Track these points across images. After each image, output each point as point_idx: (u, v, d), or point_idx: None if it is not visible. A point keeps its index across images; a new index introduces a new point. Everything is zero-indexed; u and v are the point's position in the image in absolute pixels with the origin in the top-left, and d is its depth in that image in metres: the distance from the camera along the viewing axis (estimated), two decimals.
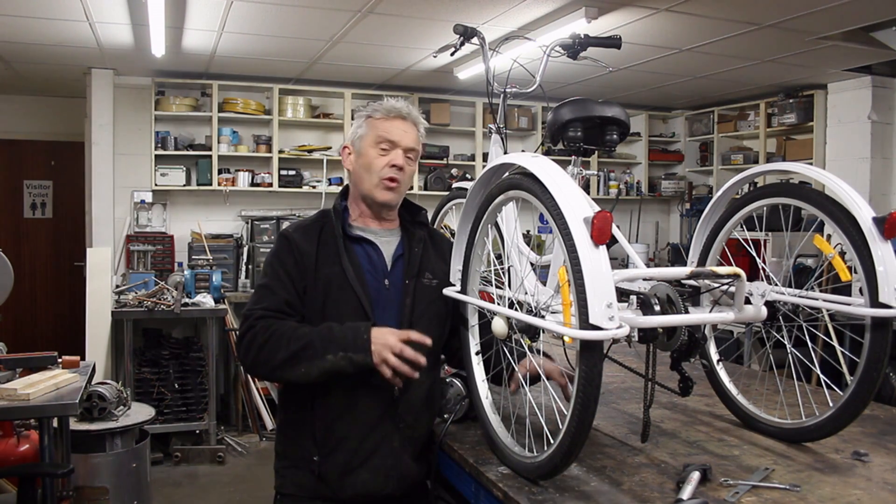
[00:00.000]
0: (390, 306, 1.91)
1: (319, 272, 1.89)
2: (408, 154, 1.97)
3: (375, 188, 1.94)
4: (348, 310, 1.86)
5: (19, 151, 7.09)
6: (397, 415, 1.87)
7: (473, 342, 1.97)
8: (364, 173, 1.95)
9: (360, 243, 1.95)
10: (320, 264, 1.90)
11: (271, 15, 4.24)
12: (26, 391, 2.70)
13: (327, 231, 1.95)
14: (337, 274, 1.88)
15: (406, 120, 1.98)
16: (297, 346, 1.76)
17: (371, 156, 1.94)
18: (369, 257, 1.95)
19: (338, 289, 1.87)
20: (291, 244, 1.92)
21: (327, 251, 1.91)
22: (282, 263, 1.91)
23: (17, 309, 6.77)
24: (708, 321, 1.74)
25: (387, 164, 1.93)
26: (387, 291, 1.93)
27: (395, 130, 1.95)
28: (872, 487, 1.59)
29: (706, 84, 6.07)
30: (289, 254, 1.91)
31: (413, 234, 2.02)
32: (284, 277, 1.89)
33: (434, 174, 6.65)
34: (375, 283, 1.92)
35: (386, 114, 1.97)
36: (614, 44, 2.29)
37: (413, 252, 1.98)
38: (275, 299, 1.87)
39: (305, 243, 1.92)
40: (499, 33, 4.29)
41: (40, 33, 4.62)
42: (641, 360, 1.78)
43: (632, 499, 1.53)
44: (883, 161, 5.68)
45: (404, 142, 1.95)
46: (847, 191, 1.70)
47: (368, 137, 1.95)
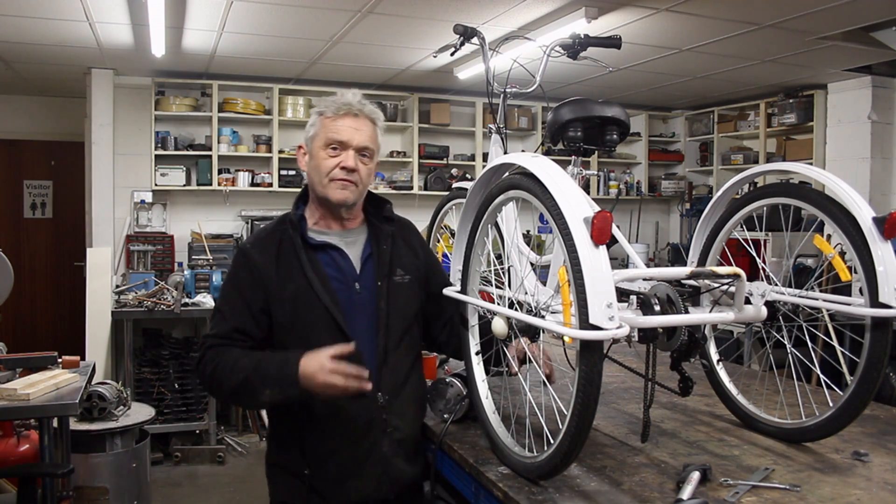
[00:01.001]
0: (364, 311, 1.83)
1: (284, 288, 1.79)
2: (361, 153, 1.84)
3: (327, 188, 1.83)
4: (319, 325, 1.77)
5: (19, 151, 7.09)
6: (385, 420, 1.82)
7: (473, 342, 1.97)
8: (315, 175, 1.85)
9: (323, 250, 1.85)
10: (283, 280, 1.79)
11: (271, 15, 4.24)
12: (26, 391, 2.70)
13: (287, 241, 1.83)
14: (302, 288, 1.78)
15: (357, 117, 1.84)
16: (236, 381, 1.71)
17: (320, 157, 1.83)
18: (336, 264, 1.85)
19: (305, 304, 1.77)
20: (248, 261, 1.82)
21: (288, 264, 1.80)
22: (236, 284, 1.82)
23: (17, 309, 6.77)
24: (708, 321, 1.74)
25: (336, 165, 1.82)
26: (358, 296, 1.83)
27: (344, 130, 1.82)
28: (872, 487, 1.59)
29: (706, 84, 6.07)
30: (245, 272, 1.81)
31: (380, 231, 1.92)
32: (237, 300, 1.80)
33: (434, 174, 6.65)
34: (345, 290, 1.82)
35: (335, 111, 1.84)
36: (614, 44, 2.29)
37: (382, 250, 1.88)
38: (224, 326, 1.79)
39: (263, 258, 1.81)
40: (499, 33, 4.29)
41: (40, 33, 4.62)
42: (641, 360, 1.78)
43: (632, 499, 1.53)
44: (883, 161, 5.68)
45: (355, 141, 1.83)
46: (847, 191, 1.70)
47: (319, 138, 1.84)
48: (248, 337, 1.78)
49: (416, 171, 6.61)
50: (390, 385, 1.82)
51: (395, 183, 6.62)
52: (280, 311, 1.78)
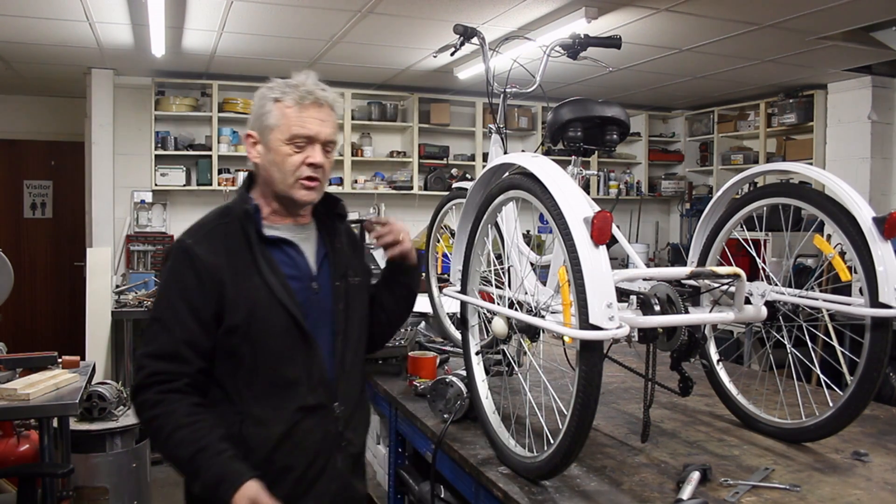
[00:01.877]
0: (322, 315, 1.66)
1: (237, 288, 1.57)
2: (326, 147, 1.65)
3: (293, 188, 1.63)
4: (278, 329, 1.58)
5: (19, 151, 7.08)
6: (340, 434, 1.65)
7: (473, 342, 1.97)
8: (276, 172, 1.63)
9: (277, 246, 1.65)
10: (237, 280, 1.57)
11: (271, 15, 4.24)
12: (26, 391, 2.70)
13: (234, 236, 1.62)
14: (259, 288, 1.58)
15: (322, 107, 1.63)
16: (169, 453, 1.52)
17: (283, 153, 1.61)
18: (292, 261, 1.66)
19: (264, 307, 1.58)
20: (194, 260, 1.57)
21: (241, 262, 1.59)
22: (181, 287, 1.57)
23: (17, 309, 6.76)
24: (708, 321, 1.74)
25: (303, 162, 1.61)
26: (316, 297, 1.66)
27: (311, 123, 1.61)
28: (872, 487, 1.59)
29: (706, 84, 6.06)
30: (191, 273, 1.56)
31: (332, 228, 1.75)
32: (182, 307, 1.55)
33: (434, 174, 6.64)
34: (303, 290, 1.64)
35: (299, 100, 1.61)
36: (614, 44, 2.29)
37: (337, 249, 1.73)
38: (167, 339, 1.54)
39: (212, 256, 1.58)
40: (499, 33, 4.29)
41: (40, 33, 4.62)
42: (641, 360, 1.78)
43: (632, 499, 1.53)
44: (883, 161, 5.68)
45: (323, 135, 1.62)
46: (847, 191, 1.70)
47: (279, 131, 1.61)
48: (198, 353, 1.56)
49: (416, 171, 6.61)
50: (347, 395, 1.67)
51: (395, 183, 6.62)
52: (234, 315, 1.56)
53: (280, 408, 1.57)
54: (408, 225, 5.26)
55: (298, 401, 1.59)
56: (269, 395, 1.58)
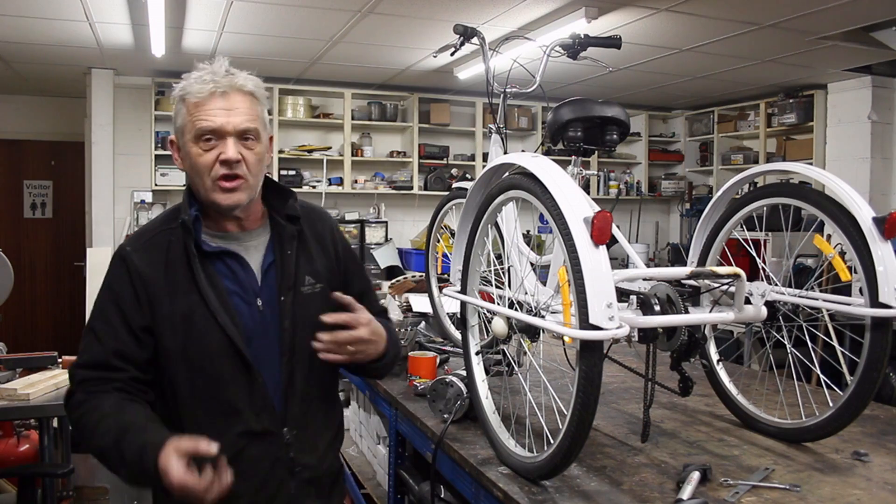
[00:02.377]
0: (268, 333, 1.51)
1: (173, 305, 1.45)
2: (243, 138, 1.46)
3: (211, 192, 1.46)
4: (215, 352, 1.45)
5: (19, 151, 7.09)
6: (291, 459, 1.52)
7: (473, 342, 1.97)
8: (194, 176, 1.47)
9: (220, 258, 1.50)
10: (172, 295, 1.46)
11: (271, 15, 4.24)
12: (26, 391, 2.70)
13: (176, 247, 1.49)
14: (195, 305, 1.45)
15: (228, 94, 1.46)
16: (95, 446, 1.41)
17: (194, 153, 1.45)
18: (234, 275, 1.51)
19: (199, 326, 1.45)
20: (129, 269, 1.47)
21: (178, 275, 1.47)
22: (114, 297, 1.47)
23: (17, 309, 6.76)
24: (708, 321, 1.74)
25: (215, 160, 1.44)
26: (261, 315, 1.51)
27: (215, 115, 1.44)
28: (872, 487, 1.59)
29: (706, 84, 6.07)
30: (126, 283, 1.46)
31: (283, 231, 1.56)
32: (115, 316, 1.45)
33: (434, 174, 6.65)
34: (247, 307, 1.50)
35: (199, 91, 1.46)
36: (614, 44, 2.30)
37: (285, 257, 1.54)
38: (99, 350, 1.44)
39: (148, 267, 1.47)
40: (499, 33, 4.29)
41: (40, 33, 4.62)
42: (641, 360, 1.78)
43: (632, 499, 1.53)
44: (883, 161, 5.68)
45: (231, 125, 1.44)
46: (847, 191, 1.70)
47: (187, 131, 1.46)
48: (129, 362, 1.45)
49: (416, 171, 6.61)
50: (298, 418, 1.53)
51: (395, 183, 6.62)
52: (168, 334, 1.45)
53: (224, 433, 1.42)
54: (408, 225, 5.33)
55: (242, 426, 1.47)
56: (211, 421, 1.46)
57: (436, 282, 2.85)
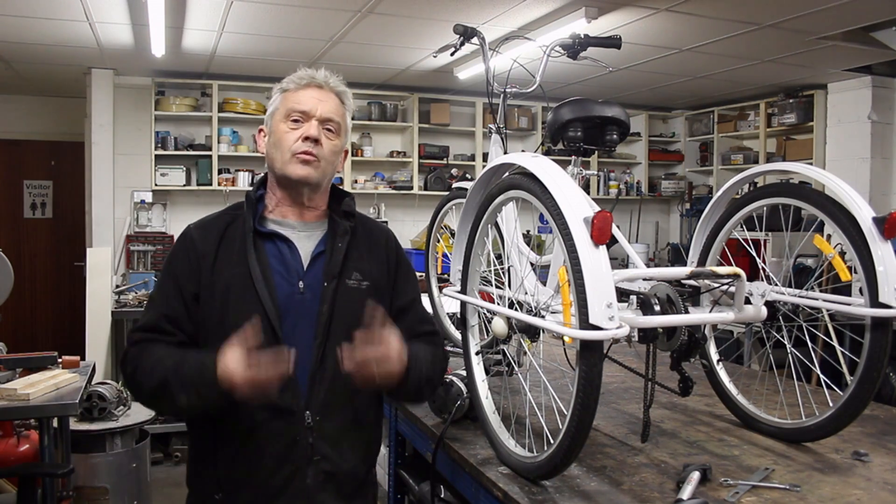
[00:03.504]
0: (305, 314, 1.59)
1: (218, 275, 1.59)
2: (326, 126, 1.63)
3: (287, 164, 1.61)
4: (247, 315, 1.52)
5: (19, 151, 7.09)
6: (310, 445, 1.55)
7: (473, 342, 1.97)
8: (275, 151, 1.64)
9: (272, 240, 1.64)
10: (220, 265, 1.60)
11: (271, 15, 4.24)
12: (26, 391, 2.70)
13: (235, 227, 1.65)
14: (239, 276, 1.58)
15: (322, 88, 1.66)
16: (154, 383, 1.51)
17: (281, 131, 1.63)
18: (281, 256, 1.63)
19: (239, 294, 1.57)
20: (187, 243, 1.64)
21: (230, 250, 1.62)
22: (171, 268, 1.64)
23: (17, 309, 6.76)
24: (708, 321, 1.74)
25: (299, 137, 1.61)
26: (300, 297, 1.60)
27: (307, 99, 1.63)
28: (872, 487, 1.60)
29: (706, 84, 6.06)
30: (183, 255, 1.63)
31: (338, 226, 1.68)
32: (169, 285, 1.62)
33: (434, 174, 6.64)
34: (287, 286, 1.60)
35: (298, 83, 1.66)
36: (614, 44, 2.30)
37: (335, 248, 1.65)
38: (154, 314, 1.61)
39: (204, 242, 1.63)
40: (499, 33, 4.29)
41: (40, 33, 4.62)
42: (641, 360, 1.78)
43: (632, 499, 1.53)
44: (883, 161, 5.68)
45: (319, 110, 1.62)
46: (847, 191, 1.71)
47: (279, 113, 1.65)
48: (178, 327, 1.59)
49: (416, 171, 6.61)
50: (324, 405, 1.57)
51: (395, 183, 6.62)
52: (210, 300, 1.58)
53: (247, 405, 1.49)
54: (408, 225, 5.33)
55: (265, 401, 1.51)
56: None
57: (436, 282, 2.85)
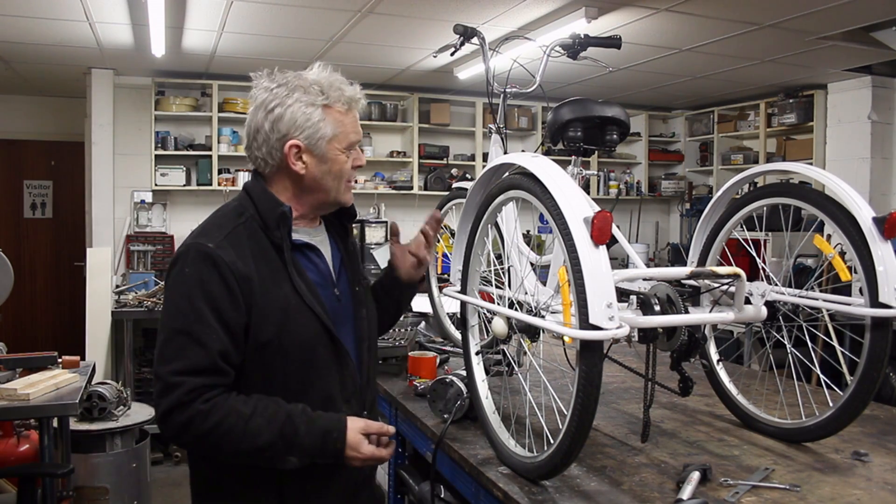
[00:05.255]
0: (346, 321, 1.61)
1: (269, 297, 1.46)
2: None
3: (344, 194, 1.60)
4: (308, 335, 1.50)
5: (19, 151, 7.09)
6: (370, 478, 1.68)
7: (473, 342, 1.97)
8: (331, 181, 1.56)
9: (300, 251, 1.58)
10: (266, 287, 1.46)
11: (271, 15, 4.24)
12: (26, 391, 2.70)
13: (256, 240, 1.50)
14: (289, 296, 1.48)
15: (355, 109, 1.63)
16: (251, 446, 1.39)
17: (341, 162, 1.57)
18: (316, 267, 1.59)
19: (295, 315, 1.48)
20: (219, 266, 1.42)
21: (269, 267, 1.49)
22: (208, 297, 1.41)
23: (17, 309, 6.76)
24: (708, 321, 1.74)
25: (352, 165, 1.61)
26: (338, 304, 1.60)
27: (358, 128, 1.62)
28: (872, 487, 1.59)
29: (706, 84, 6.06)
30: (217, 280, 1.42)
31: (342, 228, 1.71)
32: (213, 318, 1.40)
33: (434, 174, 6.65)
34: (329, 297, 1.58)
35: (348, 103, 1.58)
36: (614, 44, 2.30)
37: (351, 253, 1.70)
38: (204, 354, 1.39)
39: (240, 262, 1.45)
40: (499, 33, 4.29)
41: (40, 33, 4.62)
42: (641, 360, 1.78)
43: (632, 499, 1.53)
44: (883, 161, 5.68)
45: (361, 136, 1.65)
46: (847, 191, 1.71)
47: (338, 140, 1.55)
48: (231, 364, 1.43)
49: (416, 171, 6.61)
50: (371, 403, 1.68)
51: (395, 183, 6.62)
52: (264, 327, 1.45)
53: None
54: (408, 225, 5.33)
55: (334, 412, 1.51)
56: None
57: (436, 282, 2.85)
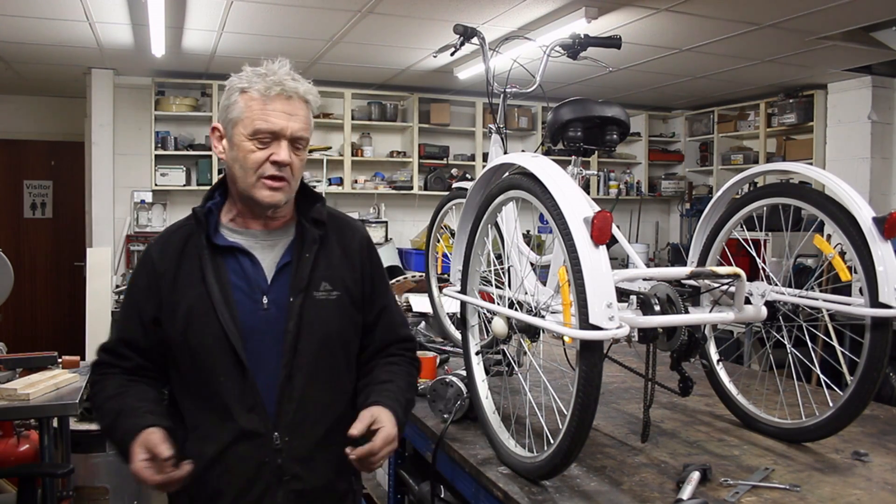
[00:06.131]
0: (270, 331, 1.50)
1: (178, 296, 1.50)
2: (295, 144, 1.50)
3: (255, 188, 1.50)
4: (212, 342, 1.47)
5: (19, 151, 7.08)
6: (279, 466, 1.48)
7: (473, 342, 1.97)
8: (238, 169, 1.50)
9: (231, 254, 1.53)
10: (180, 285, 1.51)
11: (271, 15, 4.24)
12: (26, 391, 2.70)
13: (194, 240, 1.53)
14: (199, 297, 1.48)
15: (291, 99, 1.49)
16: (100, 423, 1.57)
17: (246, 149, 1.48)
18: (243, 271, 1.52)
19: (199, 319, 1.48)
20: (146, 263, 1.57)
21: (190, 267, 1.51)
22: (132, 289, 1.60)
23: (17, 309, 6.76)
24: (708, 321, 1.74)
25: (266, 159, 1.48)
26: (264, 313, 1.50)
27: (276, 117, 1.47)
28: (872, 487, 1.60)
29: (706, 84, 6.06)
30: (143, 275, 1.57)
31: (306, 234, 1.56)
32: (130, 307, 1.58)
33: (434, 174, 6.65)
34: (250, 304, 1.50)
35: (264, 91, 1.47)
36: (614, 44, 2.30)
37: (303, 259, 1.54)
38: (114, 336, 1.62)
39: (162, 261, 1.54)
40: (499, 33, 4.29)
41: (40, 33, 4.62)
42: (641, 360, 1.78)
43: (632, 499, 1.53)
44: (883, 161, 5.68)
45: (289, 130, 1.48)
46: (847, 191, 1.71)
47: (242, 125, 1.48)
48: (134, 350, 1.56)
49: (416, 171, 6.61)
50: (293, 424, 1.49)
51: (395, 183, 6.62)
52: (171, 325, 1.51)
53: (217, 426, 1.49)
54: (408, 225, 5.31)
55: (231, 423, 1.47)
56: (208, 412, 1.51)
57: (436, 282, 2.85)
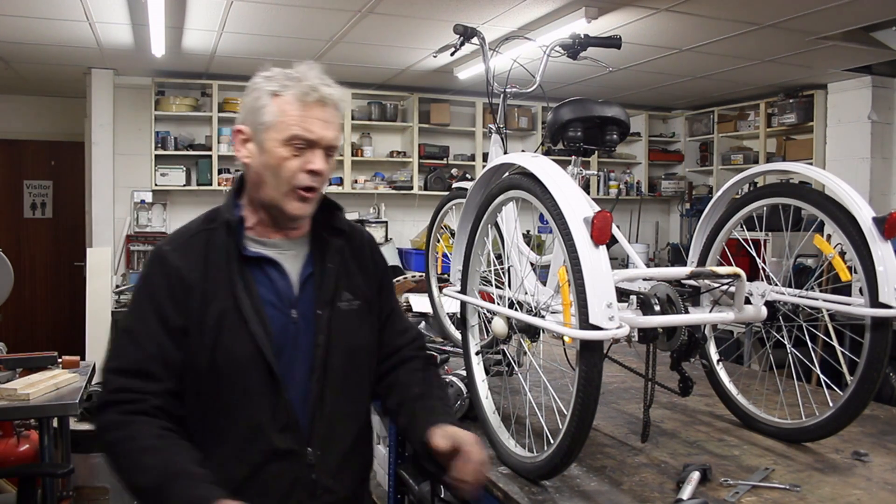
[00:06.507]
0: (300, 346, 1.45)
1: (208, 307, 1.41)
2: (328, 152, 1.45)
3: (285, 198, 1.43)
4: (243, 362, 1.40)
5: (19, 151, 7.08)
6: (313, 481, 1.44)
7: (473, 342, 1.97)
8: (269, 177, 1.43)
9: (258, 264, 1.46)
10: (208, 295, 1.41)
11: (271, 15, 4.24)
12: (26, 391, 2.70)
13: (216, 247, 1.45)
14: (228, 309, 1.41)
15: (327, 106, 1.44)
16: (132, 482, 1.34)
17: (279, 156, 1.41)
18: (272, 283, 1.46)
19: (231, 329, 1.40)
20: (168, 270, 1.42)
21: (216, 277, 1.43)
22: (152, 297, 1.42)
23: (17, 309, 6.76)
24: (708, 321, 1.74)
25: (301, 168, 1.42)
26: (294, 327, 1.45)
27: (315, 125, 1.41)
28: (872, 487, 1.60)
29: (706, 84, 6.06)
30: (163, 283, 1.42)
31: (328, 245, 1.52)
32: (152, 318, 1.40)
33: (434, 174, 6.64)
34: (280, 317, 1.45)
35: (301, 97, 1.42)
36: (614, 44, 2.30)
37: (326, 270, 1.50)
38: (136, 354, 1.39)
39: (188, 269, 1.42)
40: (499, 33, 4.29)
41: (40, 33, 4.62)
42: (641, 360, 1.78)
43: (632, 499, 1.53)
44: (883, 161, 5.68)
45: (326, 139, 1.43)
46: (847, 191, 1.71)
47: (276, 130, 1.41)
48: (167, 367, 1.40)
49: (416, 171, 6.61)
50: (325, 439, 1.46)
51: (395, 183, 6.62)
52: (198, 337, 1.40)
53: (244, 449, 1.41)
54: (408, 225, 5.32)
55: (264, 442, 1.41)
56: (233, 435, 1.41)
57: (436, 282, 2.85)
